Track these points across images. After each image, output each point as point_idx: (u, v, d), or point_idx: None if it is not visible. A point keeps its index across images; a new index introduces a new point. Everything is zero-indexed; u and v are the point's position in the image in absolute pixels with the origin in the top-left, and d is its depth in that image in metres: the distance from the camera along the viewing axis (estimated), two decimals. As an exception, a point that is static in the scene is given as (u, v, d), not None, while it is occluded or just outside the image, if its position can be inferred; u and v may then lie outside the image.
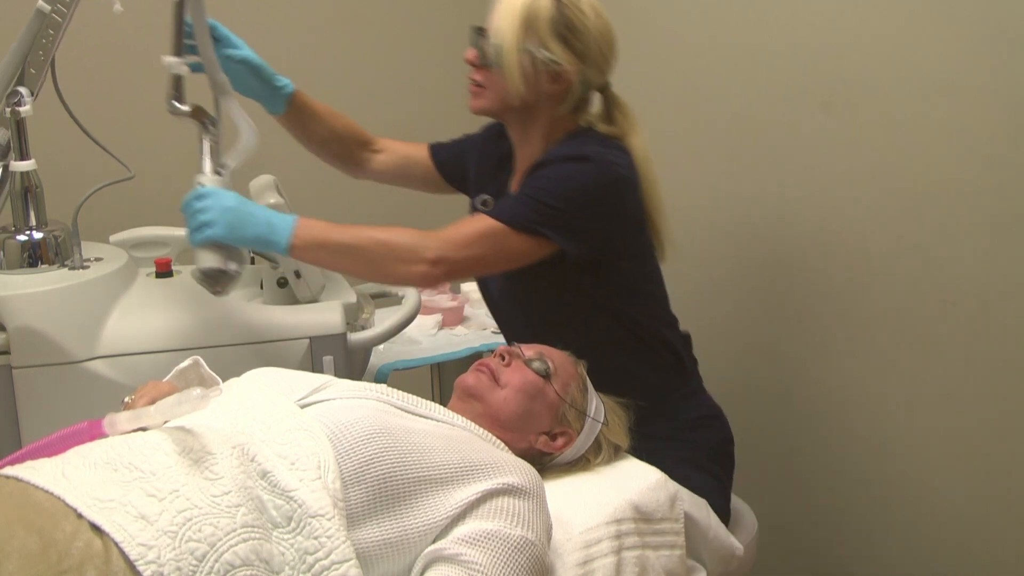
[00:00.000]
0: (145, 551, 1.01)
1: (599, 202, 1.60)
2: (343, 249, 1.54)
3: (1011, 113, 1.66)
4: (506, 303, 1.83)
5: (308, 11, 2.71)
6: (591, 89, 1.71)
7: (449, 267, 1.56)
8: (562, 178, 1.59)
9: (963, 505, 1.85)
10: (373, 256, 1.55)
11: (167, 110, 1.64)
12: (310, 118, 1.86)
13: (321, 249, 1.54)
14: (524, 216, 1.57)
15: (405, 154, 1.97)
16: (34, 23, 1.65)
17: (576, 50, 1.63)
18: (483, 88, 1.69)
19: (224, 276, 1.51)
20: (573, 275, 1.65)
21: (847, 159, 1.94)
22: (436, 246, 1.54)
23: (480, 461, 1.23)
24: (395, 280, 1.62)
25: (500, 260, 1.61)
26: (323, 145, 1.91)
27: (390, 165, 1.96)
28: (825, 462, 2.10)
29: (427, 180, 1.98)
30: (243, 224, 1.50)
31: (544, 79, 1.64)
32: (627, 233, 1.68)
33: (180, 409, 1.17)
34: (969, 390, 1.80)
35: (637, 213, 1.69)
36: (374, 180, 2.00)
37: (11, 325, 1.54)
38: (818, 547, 2.15)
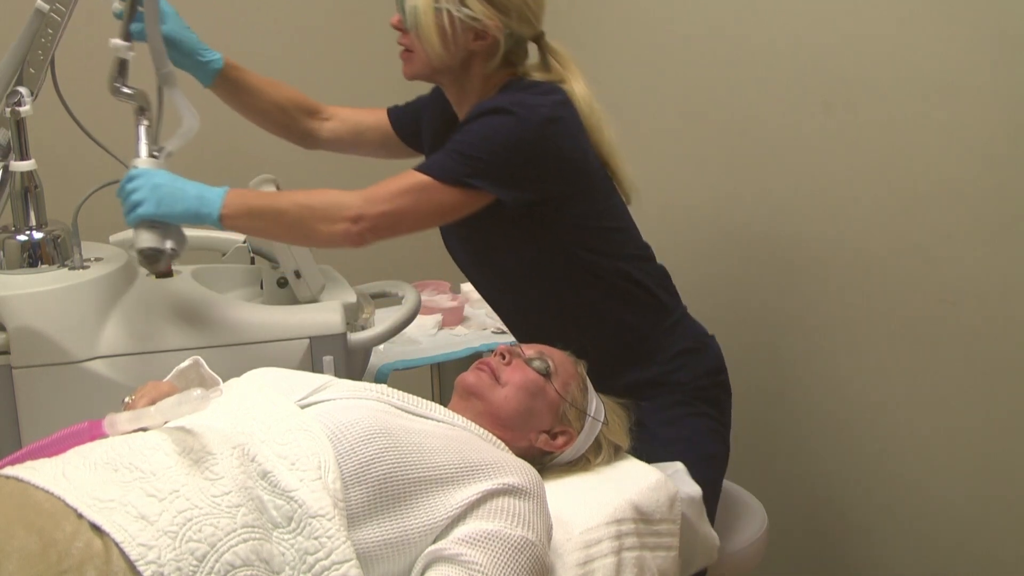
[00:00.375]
0: (145, 551, 1.01)
1: (526, 149, 1.57)
2: (269, 214, 1.55)
3: (1011, 113, 1.66)
4: (471, 264, 1.81)
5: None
6: (523, 41, 1.68)
7: (371, 223, 1.54)
8: (485, 131, 1.57)
9: (964, 504, 1.85)
10: (297, 219, 1.55)
11: (108, 91, 1.66)
12: (244, 91, 1.85)
13: (249, 216, 1.54)
14: (452, 169, 1.55)
15: (357, 120, 1.94)
16: (33, 23, 1.64)
17: (496, 4, 1.60)
18: (411, 53, 1.66)
19: (161, 255, 1.55)
20: (521, 224, 1.63)
21: (847, 159, 1.94)
22: (357, 204, 1.53)
23: (480, 461, 1.23)
24: (320, 242, 1.58)
25: (426, 215, 1.58)
26: (263, 116, 1.90)
27: (341, 132, 1.94)
28: (826, 461, 2.10)
29: (383, 145, 1.95)
30: (173, 200, 1.51)
31: (467, 37, 1.61)
32: (566, 174, 1.63)
33: (180, 410, 1.17)
34: (969, 390, 1.80)
35: (575, 153, 1.64)
36: (327, 149, 1.98)
37: (11, 325, 1.54)
38: (822, 543, 2.16)
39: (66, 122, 1.74)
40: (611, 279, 1.69)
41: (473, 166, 1.55)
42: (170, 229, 1.55)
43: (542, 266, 1.68)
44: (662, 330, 1.73)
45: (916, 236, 1.84)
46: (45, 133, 1.75)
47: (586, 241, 1.67)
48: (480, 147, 1.56)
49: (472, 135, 1.57)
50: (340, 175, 2.73)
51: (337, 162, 2.74)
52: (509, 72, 1.68)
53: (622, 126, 2.36)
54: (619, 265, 1.70)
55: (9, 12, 1.83)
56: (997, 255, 1.72)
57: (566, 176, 1.63)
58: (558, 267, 1.68)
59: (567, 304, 1.68)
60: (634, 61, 2.41)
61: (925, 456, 1.90)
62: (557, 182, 1.62)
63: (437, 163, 1.57)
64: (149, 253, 1.54)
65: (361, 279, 2.00)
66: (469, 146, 1.56)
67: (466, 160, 1.55)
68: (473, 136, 1.57)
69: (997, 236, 1.72)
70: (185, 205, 1.51)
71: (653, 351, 1.71)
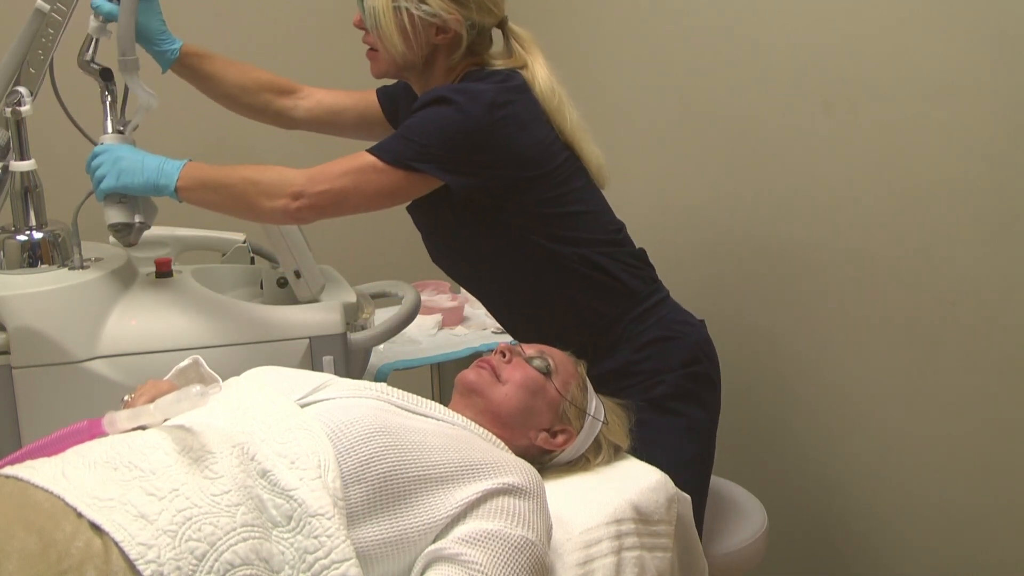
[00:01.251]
0: (145, 550, 1.00)
1: (471, 136, 1.57)
2: (219, 187, 1.58)
3: (1011, 113, 1.66)
4: (441, 256, 1.81)
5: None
6: (485, 30, 1.68)
7: (311, 200, 1.55)
8: (430, 118, 1.58)
9: (964, 504, 1.85)
10: (241, 192, 1.57)
11: (77, 64, 1.71)
12: (204, 77, 1.86)
13: (202, 189, 1.57)
14: (397, 151, 1.56)
15: (334, 101, 1.94)
16: (33, 23, 1.65)
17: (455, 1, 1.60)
18: (376, 52, 1.68)
19: (131, 228, 1.61)
20: (475, 211, 1.63)
21: (847, 159, 1.94)
22: (300, 181, 1.55)
23: (480, 460, 1.23)
24: (263, 216, 1.60)
25: (370, 196, 1.59)
26: (230, 100, 1.91)
27: (317, 112, 1.94)
28: (825, 461, 2.10)
29: (361, 126, 1.94)
30: (133, 172, 1.56)
31: (429, 33, 1.62)
32: (515, 160, 1.62)
33: (180, 407, 1.17)
34: (969, 389, 1.80)
35: (525, 139, 1.63)
36: (304, 129, 1.98)
37: (11, 325, 1.54)
38: (822, 542, 2.16)
39: (66, 122, 1.74)
40: (570, 265, 1.67)
41: (418, 150, 1.56)
42: (138, 202, 1.62)
43: (501, 253, 1.68)
44: (631, 318, 1.70)
45: (916, 236, 1.84)
46: (45, 133, 1.75)
47: (541, 227, 1.66)
48: (425, 133, 1.57)
49: (418, 120, 1.59)
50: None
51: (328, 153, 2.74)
52: (472, 62, 1.68)
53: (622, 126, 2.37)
54: (579, 251, 1.68)
55: (9, 12, 1.83)
56: (997, 255, 1.72)
57: (515, 162, 1.62)
58: (517, 254, 1.68)
59: (530, 291, 1.69)
60: (634, 61, 2.41)
61: (925, 456, 1.90)
62: (506, 167, 1.62)
63: (384, 146, 1.59)
64: (119, 228, 1.61)
65: (361, 279, 2.01)
66: (414, 131, 1.58)
67: (411, 144, 1.57)
68: (418, 122, 1.59)
69: (997, 236, 1.72)
70: (145, 177, 1.56)
71: (620, 340, 1.69)
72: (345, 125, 1.96)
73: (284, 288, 1.80)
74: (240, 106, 1.92)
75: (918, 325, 1.87)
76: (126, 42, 1.67)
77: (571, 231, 1.68)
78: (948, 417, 1.85)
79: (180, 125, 2.31)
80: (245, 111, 1.94)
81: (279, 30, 2.69)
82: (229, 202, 1.59)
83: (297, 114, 1.94)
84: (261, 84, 1.91)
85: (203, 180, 1.57)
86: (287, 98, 1.93)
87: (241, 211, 1.61)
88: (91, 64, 1.70)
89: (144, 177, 1.56)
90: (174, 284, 1.79)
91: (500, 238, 1.67)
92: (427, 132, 1.57)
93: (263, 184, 1.56)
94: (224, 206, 1.61)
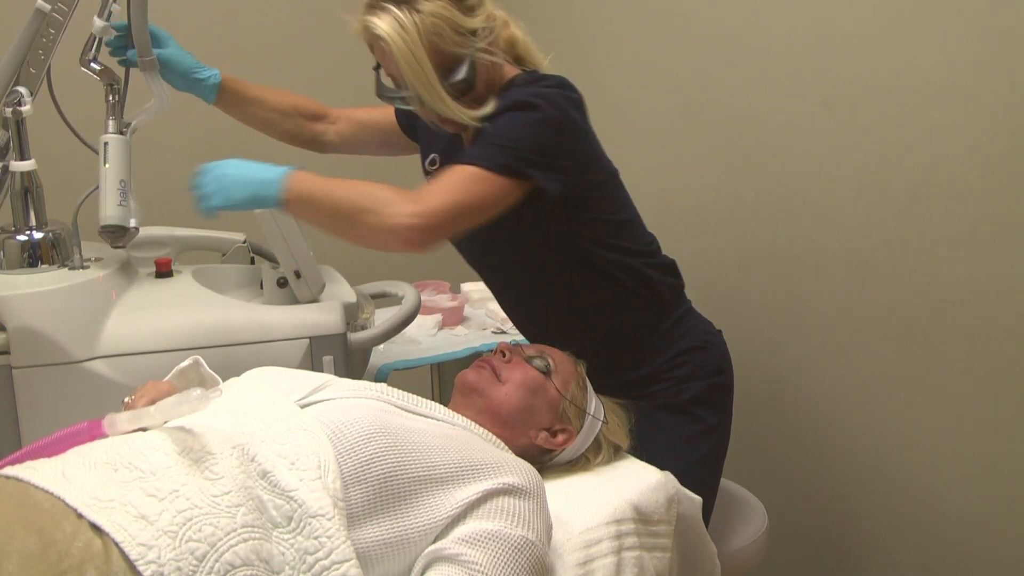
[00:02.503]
0: (145, 551, 1.00)
1: (559, 141, 1.55)
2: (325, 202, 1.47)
3: (1011, 113, 1.66)
4: (482, 262, 1.78)
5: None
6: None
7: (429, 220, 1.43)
8: (517, 125, 1.52)
9: (964, 504, 1.85)
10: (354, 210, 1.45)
11: (80, 64, 1.70)
12: (246, 102, 1.86)
13: (307, 203, 1.47)
14: (497, 158, 1.49)
15: (359, 119, 1.94)
16: (34, 23, 1.65)
17: (480, 6, 1.56)
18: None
19: (124, 232, 1.62)
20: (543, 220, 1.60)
21: (847, 159, 1.94)
22: (413, 199, 1.45)
23: (481, 461, 1.23)
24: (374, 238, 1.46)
25: (481, 208, 1.50)
26: (269, 125, 1.91)
27: (347, 134, 1.94)
28: (825, 460, 2.10)
29: (386, 142, 1.93)
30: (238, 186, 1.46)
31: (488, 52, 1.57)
32: (593, 159, 1.63)
33: (180, 410, 1.17)
34: (969, 389, 1.80)
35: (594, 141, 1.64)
36: (337, 152, 1.97)
37: (11, 325, 1.54)
38: (822, 542, 2.16)
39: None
40: (615, 273, 1.68)
41: (516, 156, 1.51)
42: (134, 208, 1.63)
43: (553, 259, 1.67)
44: (666, 327, 1.72)
45: (916, 236, 1.84)
46: (45, 133, 1.75)
47: (597, 234, 1.66)
48: (517, 139, 1.52)
49: (505, 127, 1.53)
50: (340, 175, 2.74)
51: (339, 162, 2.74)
52: (502, 65, 1.63)
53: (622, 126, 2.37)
54: (625, 260, 1.68)
55: (9, 12, 1.84)
56: (997, 255, 1.72)
57: (590, 164, 1.63)
58: (568, 261, 1.66)
59: (576, 302, 1.67)
60: (634, 61, 2.41)
61: (925, 455, 1.90)
62: (585, 171, 1.60)
63: (480, 155, 1.51)
64: (114, 230, 1.61)
65: (361, 279, 2.01)
66: (505, 138, 1.52)
67: (507, 150, 1.50)
68: (506, 128, 1.53)
69: (997, 236, 1.72)
70: (247, 191, 1.46)
71: (655, 349, 1.70)
72: (371, 141, 1.96)
73: (284, 288, 1.80)
74: (278, 131, 1.91)
75: (917, 325, 1.87)
76: (143, 42, 1.68)
77: (619, 239, 1.69)
78: (948, 416, 1.85)
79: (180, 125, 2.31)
80: (283, 136, 1.93)
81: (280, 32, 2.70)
82: (337, 221, 1.47)
83: (328, 138, 1.94)
84: (297, 108, 1.91)
85: (309, 194, 1.46)
86: (319, 123, 1.93)
87: (350, 231, 1.48)
88: (93, 64, 1.70)
89: (247, 191, 1.46)
90: (174, 284, 1.79)
91: (557, 243, 1.65)
92: (519, 137, 1.51)
93: (378, 202, 1.43)
94: (330, 225, 1.49)
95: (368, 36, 1.54)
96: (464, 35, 1.53)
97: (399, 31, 1.49)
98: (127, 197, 1.63)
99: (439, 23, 1.50)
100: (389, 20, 1.49)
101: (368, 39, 1.55)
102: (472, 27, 1.54)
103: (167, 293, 1.74)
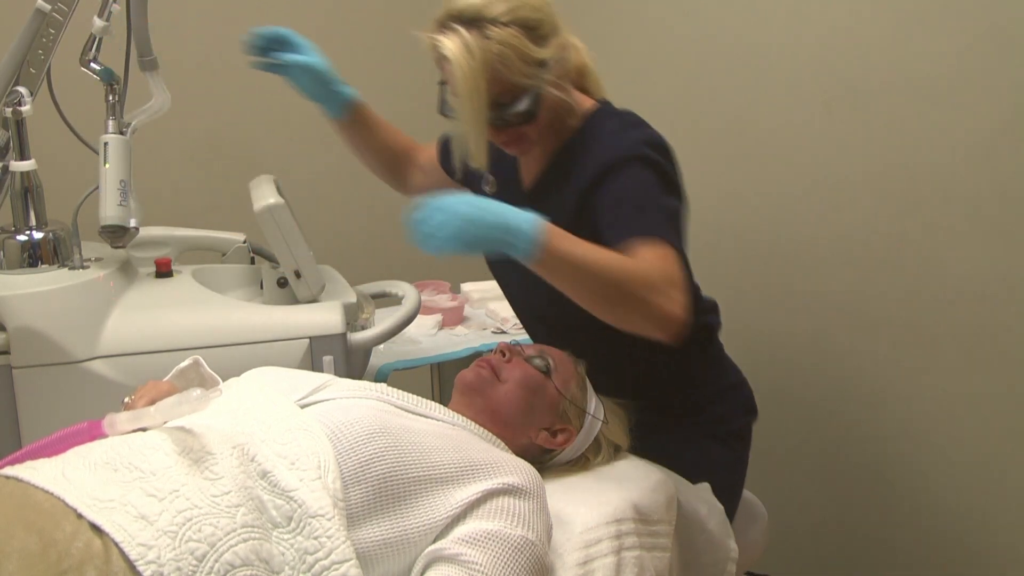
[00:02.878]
0: (145, 551, 1.01)
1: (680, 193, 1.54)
2: (590, 269, 1.33)
3: (1011, 113, 1.66)
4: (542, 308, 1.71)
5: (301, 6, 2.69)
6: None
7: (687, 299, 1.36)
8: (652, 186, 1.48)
9: (965, 503, 1.85)
10: (624, 282, 1.33)
11: (80, 64, 1.70)
12: (368, 127, 1.82)
13: (564, 263, 1.32)
14: (669, 229, 1.44)
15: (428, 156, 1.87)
16: (34, 23, 1.65)
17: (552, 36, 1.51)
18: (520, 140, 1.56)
19: (125, 232, 1.63)
20: None
21: (847, 159, 1.94)
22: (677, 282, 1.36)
23: (480, 461, 1.23)
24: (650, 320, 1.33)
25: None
26: (377, 156, 1.86)
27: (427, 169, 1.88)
28: (825, 460, 2.10)
29: (428, 171, 1.88)
30: (479, 235, 1.30)
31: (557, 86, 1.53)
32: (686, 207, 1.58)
33: (180, 410, 1.17)
34: (969, 389, 1.80)
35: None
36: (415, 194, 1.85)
37: (11, 325, 1.54)
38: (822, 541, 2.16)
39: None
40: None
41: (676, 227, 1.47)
42: (134, 207, 1.64)
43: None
44: (711, 360, 1.72)
45: (916, 236, 1.84)
46: (45, 133, 1.75)
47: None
48: (664, 206, 1.47)
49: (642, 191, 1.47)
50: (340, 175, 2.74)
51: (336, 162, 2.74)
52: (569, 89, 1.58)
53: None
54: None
55: (9, 12, 1.84)
56: (997, 255, 1.72)
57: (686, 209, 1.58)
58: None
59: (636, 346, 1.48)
60: (634, 61, 2.41)
61: (924, 455, 1.90)
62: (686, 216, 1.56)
63: (653, 228, 1.41)
64: (114, 230, 1.61)
65: (361, 279, 2.01)
66: (655, 202, 1.46)
67: (665, 218, 1.45)
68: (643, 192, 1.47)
69: (997, 236, 1.72)
70: (491, 236, 1.30)
71: (701, 382, 1.70)
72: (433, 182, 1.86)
73: (284, 288, 1.80)
74: (382, 163, 1.86)
75: (917, 324, 1.87)
76: (144, 42, 1.68)
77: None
78: (948, 416, 1.85)
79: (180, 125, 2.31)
80: (380, 168, 1.87)
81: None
82: (598, 292, 1.34)
83: (414, 180, 1.88)
84: (405, 147, 1.86)
85: (568, 255, 1.32)
86: (412, 164, 1.88)
87: (612, 305, 1.35)
88: (95, 65, 1.70)
89: (490, 236, 1.30)
90: (174, 284, 1.79)
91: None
92: (668, 207, 1.47)
93: (648, 284, 1.32)
94: (584, 292, 1.35)
95: (435, 54, 1.50)
96: (532, 65, 1.48)
97: (465, 55, 1.44)
98: (127, 197, 1.63)
99: (507, 52, 1.45)
100: (458, 43, 1.45)
101: (435, 57, 1.52)
102: (541, 58, 1.48)
103: (167, 293, 1.74)
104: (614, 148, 1.51)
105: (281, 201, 1.72)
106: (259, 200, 1.72)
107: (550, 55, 1.49)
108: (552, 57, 1.50)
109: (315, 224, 2.26)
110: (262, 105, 2.62)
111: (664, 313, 1.33)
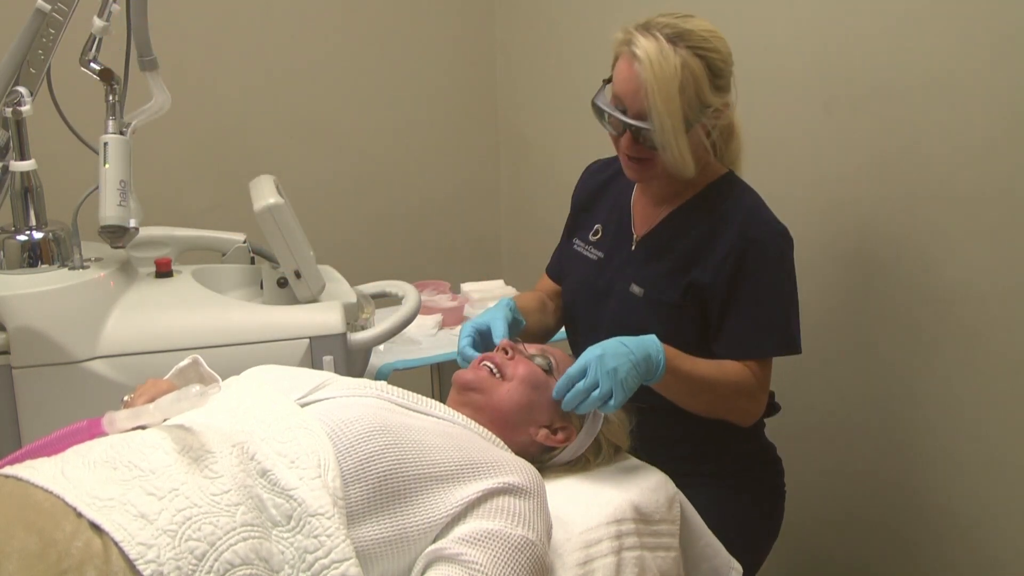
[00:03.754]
0: (145, 550, 1.00)
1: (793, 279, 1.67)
2: (697, 383, 1.53)
3: (1011, 113, 1.66)
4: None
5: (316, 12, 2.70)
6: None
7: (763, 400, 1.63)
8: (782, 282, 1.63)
9: (965, 503, 1.85)
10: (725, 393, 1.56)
11: (80, 64, 1.70)
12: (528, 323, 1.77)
13: (680, 381, 1.51)
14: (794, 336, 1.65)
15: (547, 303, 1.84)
16: (34, 23, 1.65)
17: (723, 86, 1.57)
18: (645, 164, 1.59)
19: (124, 232, 1.63)
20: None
21: (847, 159, 1.94)
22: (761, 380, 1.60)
23: (481, 460, 1.23)
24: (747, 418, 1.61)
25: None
26: (543, 328, 1.82)
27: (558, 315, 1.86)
28: (825, 460, 2.10)
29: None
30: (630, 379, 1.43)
31: (704, 134, 1.59)
32: None
33: (179, 406, 1.17)
34: (969, 389, 1.80)
35: None
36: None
37: (11, 325, 1.54)
38: (823, 541, 2.15)
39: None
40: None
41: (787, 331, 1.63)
42: (134, 208, 1.65)
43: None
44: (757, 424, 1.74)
45: (916, 236, 1.84)
46: (45, 133, 1.75)
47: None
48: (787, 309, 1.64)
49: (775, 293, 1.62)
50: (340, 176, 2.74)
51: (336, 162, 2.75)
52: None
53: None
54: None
55: (9, 12, 1.84)
56: (997, 255, 1.72)
57: None
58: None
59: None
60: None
61: (924, 455, 1.90)
62: None
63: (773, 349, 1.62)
64: (114, 230, 1.62)
65: (361, 279, 2.01)
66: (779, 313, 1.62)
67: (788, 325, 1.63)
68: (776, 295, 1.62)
69: (997, 236, 1.72)
70: (638, 373, 1.44)
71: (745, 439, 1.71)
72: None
73: (284, 288, 1.80)
74: (544, 333, 1.82)
75: (917, 325, 1.87)
76: (144, 42, 1.69)
77: None
78: (947, 416, 1.85)
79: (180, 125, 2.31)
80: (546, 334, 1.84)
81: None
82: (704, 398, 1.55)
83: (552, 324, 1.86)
84: (545, 304, 1.83)
85: (683, 371, 1.50)
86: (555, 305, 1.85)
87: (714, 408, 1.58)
88: (94, 65, 1.70)
89: (638, 374, 1.44)
90: (174, 284, 1.79)
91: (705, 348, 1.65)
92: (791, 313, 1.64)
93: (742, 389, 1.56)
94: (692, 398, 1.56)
95: (624, 49, 1.55)
96: (700, 103, 1.54)
97: (659, 59, 1.50)
98: (127, 197, 1.63)
99: (688, 78, 1.51)
100: (655, 47, 1.50)
101: (621, 51, 1.56)
102: (710, 102, 1.55)
103: (167, 293, 1.75)
104: (758, 226, 1.62)
105: (281, 201, 1.72)
106: (259, 200, 1.72)
107: (717, 103, 1.56)
108: (715, 107, 1.56)
109: (315, 224, 2.26)
110: (262, 105, 2.62)
111: (747, 412, 1.60)
